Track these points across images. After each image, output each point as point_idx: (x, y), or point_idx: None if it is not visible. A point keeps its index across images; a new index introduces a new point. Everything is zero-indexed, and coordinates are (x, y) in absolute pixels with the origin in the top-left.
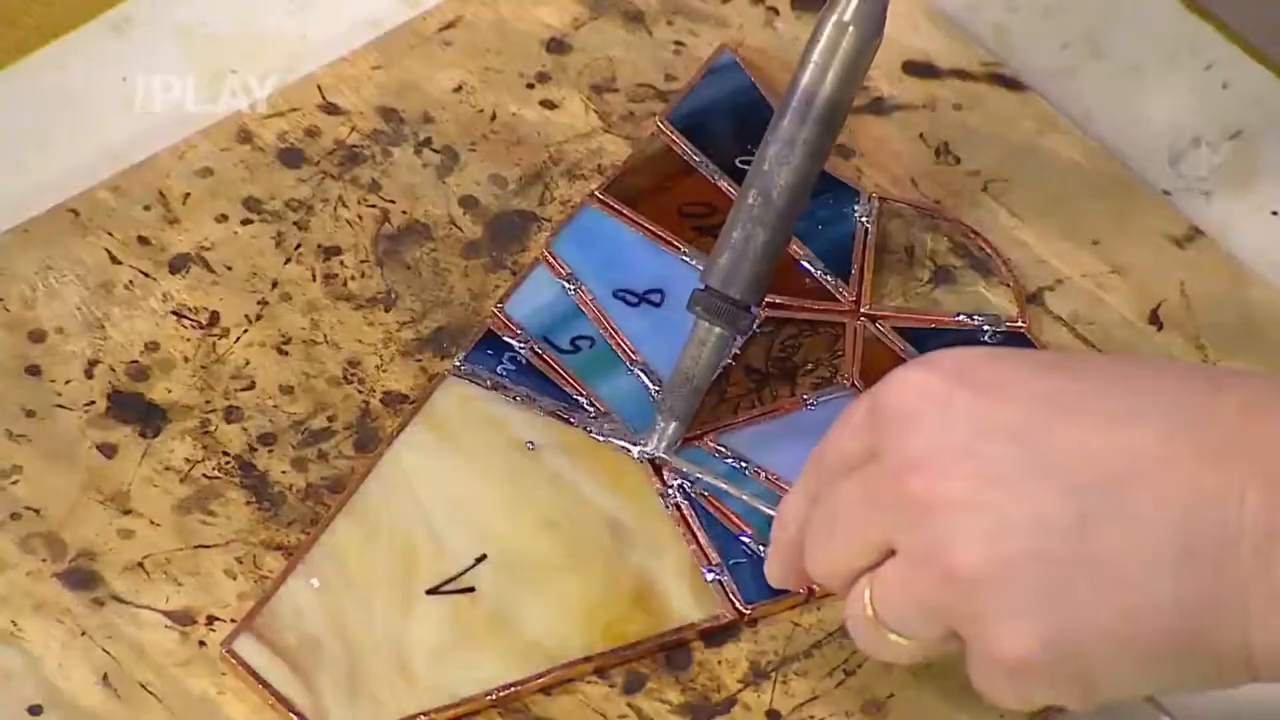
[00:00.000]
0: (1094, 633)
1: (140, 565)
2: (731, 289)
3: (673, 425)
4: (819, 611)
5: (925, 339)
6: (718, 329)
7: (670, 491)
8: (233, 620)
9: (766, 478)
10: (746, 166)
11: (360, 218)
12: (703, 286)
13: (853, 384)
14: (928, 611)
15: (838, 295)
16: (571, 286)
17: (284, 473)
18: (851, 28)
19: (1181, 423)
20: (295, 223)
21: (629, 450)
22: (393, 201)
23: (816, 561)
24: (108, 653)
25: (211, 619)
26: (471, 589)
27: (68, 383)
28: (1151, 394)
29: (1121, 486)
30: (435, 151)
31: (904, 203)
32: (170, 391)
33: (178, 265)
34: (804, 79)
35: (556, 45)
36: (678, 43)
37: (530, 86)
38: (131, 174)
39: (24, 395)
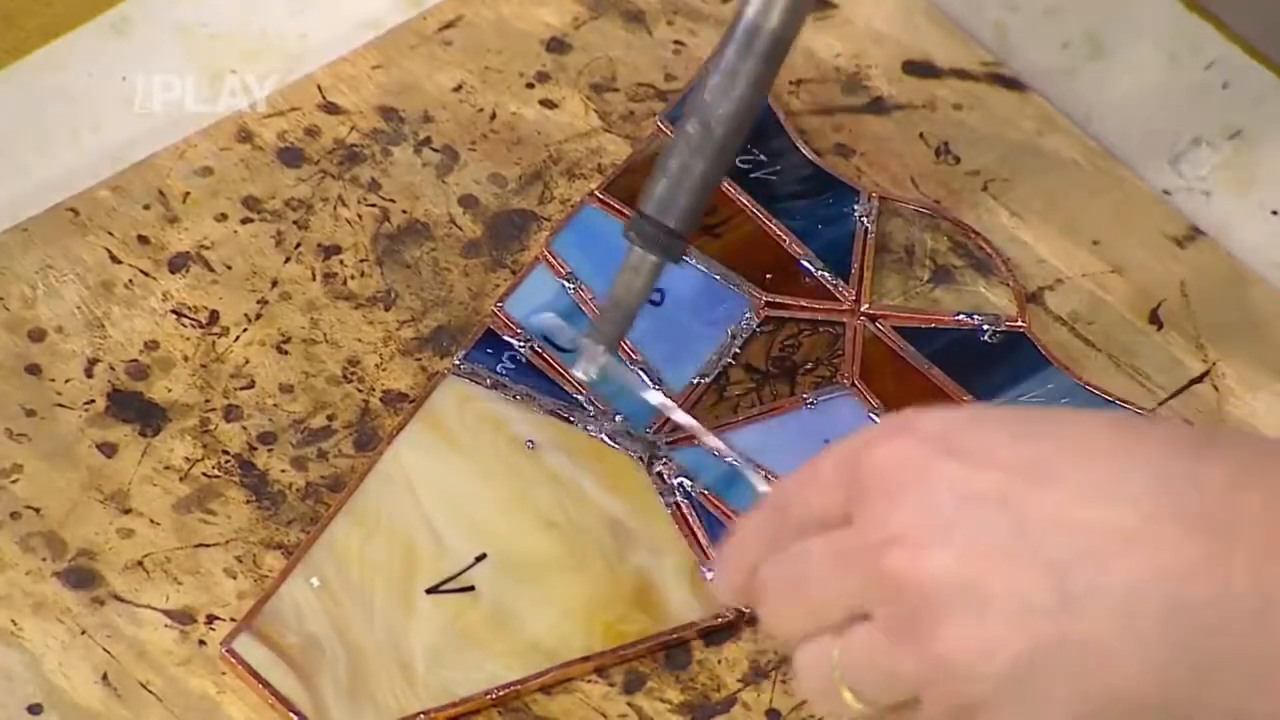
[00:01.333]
0: (1079, 714)
1: (140, 564)
2: (667, 217)
3: (602, 349)
4: None
5: (925, 338)
6: (652, 257)
7: (670, 491)
8: (233, 619)
9: (766, 476)
10: (746, 167)
11: (360, 217)
12: (638, 213)
13: (852, 383)
14: (899, 683)
15: (838, 295)
16: (571, 286)
17: (284, 472)
18: None
19: (1166, 494)
20: (295, 222)
21: (628, 450)
22: (392, 201)
23: (778, 617)
24: (108, 652)
25: (211, 618)
26: (471, 588)
27: (67, 382)
28: (1135, 463)
29: (1105, 563)
30: (435, 151)
31: (904, 202)
32: (170, 390)
33: (177, 264)
34: (749, 11)
35: (556, 45)
36: (678, 42)
37: (530, 86)
38: (131, 174)
39: (24, 395)
